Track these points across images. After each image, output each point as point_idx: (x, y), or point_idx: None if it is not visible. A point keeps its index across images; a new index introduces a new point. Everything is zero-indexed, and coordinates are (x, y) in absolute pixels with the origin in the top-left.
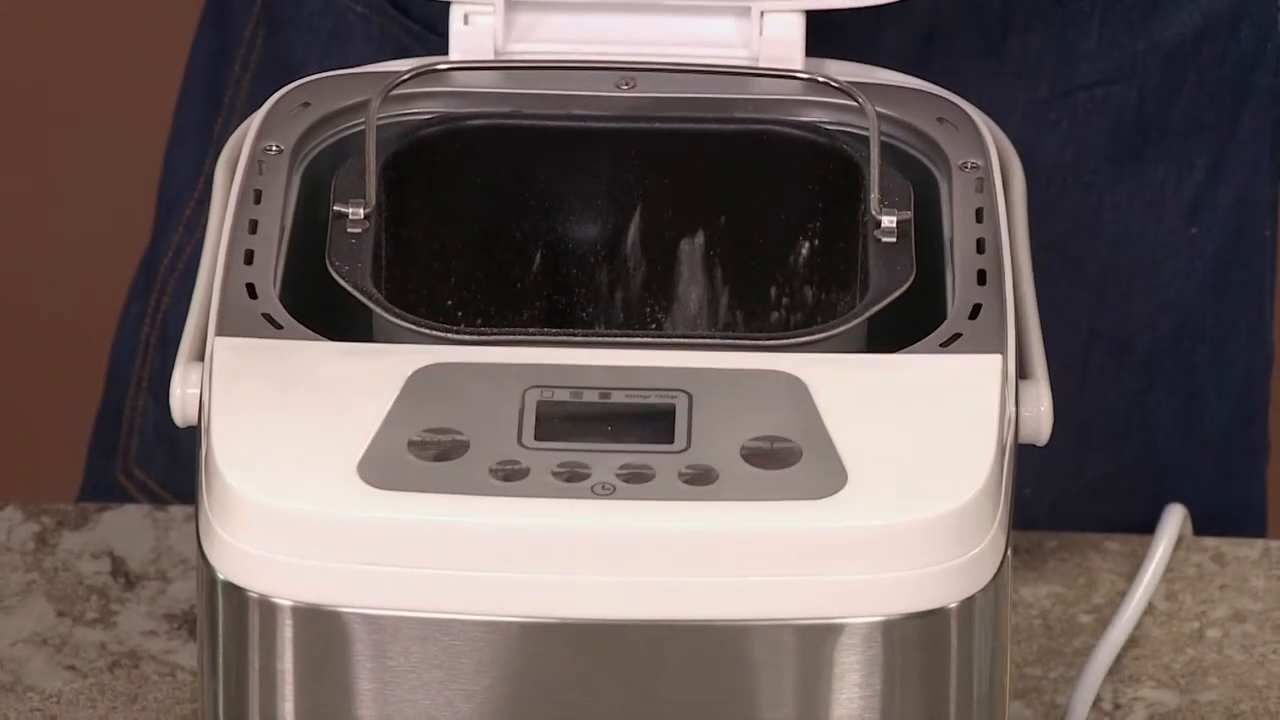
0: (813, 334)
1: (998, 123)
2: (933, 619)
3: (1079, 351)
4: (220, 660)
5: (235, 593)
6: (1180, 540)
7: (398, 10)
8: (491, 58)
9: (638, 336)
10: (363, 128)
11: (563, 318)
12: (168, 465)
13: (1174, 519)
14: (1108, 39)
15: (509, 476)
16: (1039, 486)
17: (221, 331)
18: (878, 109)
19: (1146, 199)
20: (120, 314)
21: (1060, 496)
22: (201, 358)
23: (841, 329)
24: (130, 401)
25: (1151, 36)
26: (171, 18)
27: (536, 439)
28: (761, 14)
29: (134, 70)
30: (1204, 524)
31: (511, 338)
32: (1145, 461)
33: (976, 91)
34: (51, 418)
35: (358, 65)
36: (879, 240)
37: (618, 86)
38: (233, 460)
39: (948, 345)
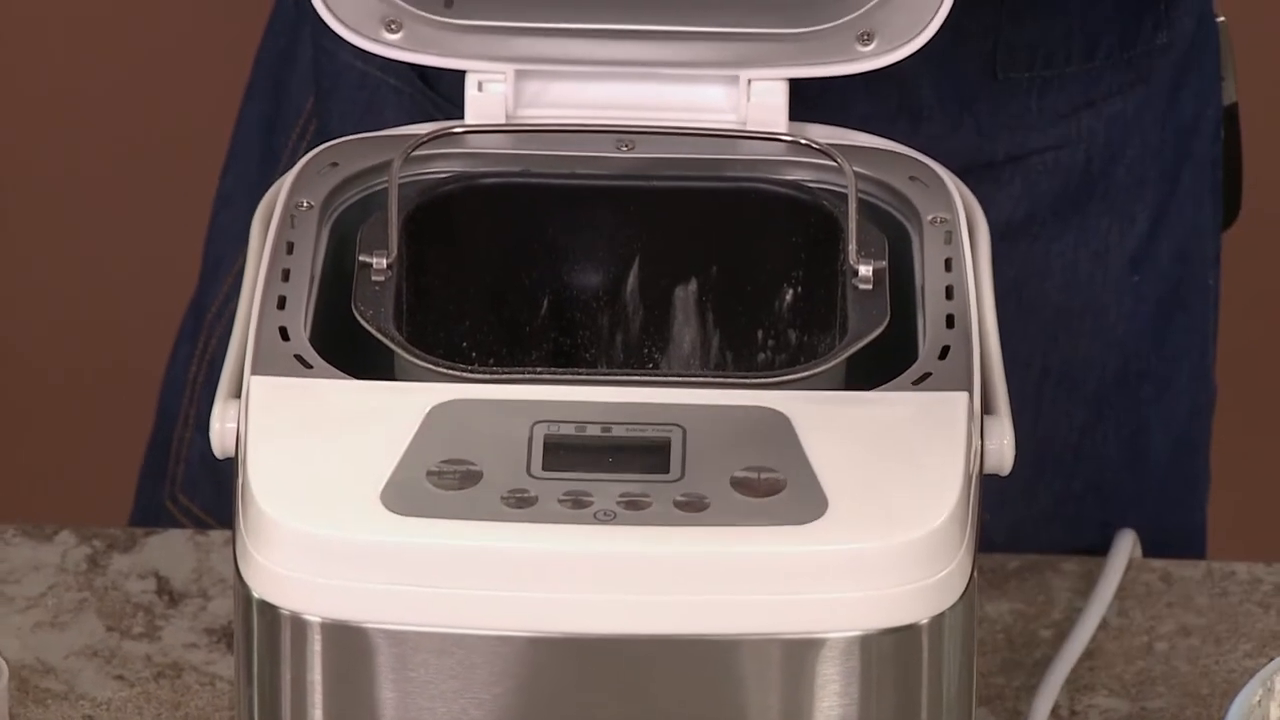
0: (796, 373)
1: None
2: (906, 634)
3: (1032, 388)
4: (255, 671)
5: (269, 610)
6: (1130, 562)
7: (424, 83)
8: (503, 121)
9: (636, 375)
10: (386, 185)
11: (568, 358)
12: (211, 493)
13: (1125, 543)
14: (1055, 111)
15: (519, 504)
16: (996, 512)
17: (257, 371)
18: (855, 168)
19: (1092, 249)
20: (169, 355)
21: (1015, 521)
22: (239, 395)
23: (822, 369)
24: (178, 435)
25: (1096, 109)
26: (217, 81)
27: (544, 469)
28: (748, 82)
29: (182, 124)
30: (1149, 548)
31: (521, 376)
32: (1094, 490)
33: (937, 157)
34: (102, 450)
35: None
36: (856, 287)
37: (618, 148)
38: (267, 488)
39: (919, 384)
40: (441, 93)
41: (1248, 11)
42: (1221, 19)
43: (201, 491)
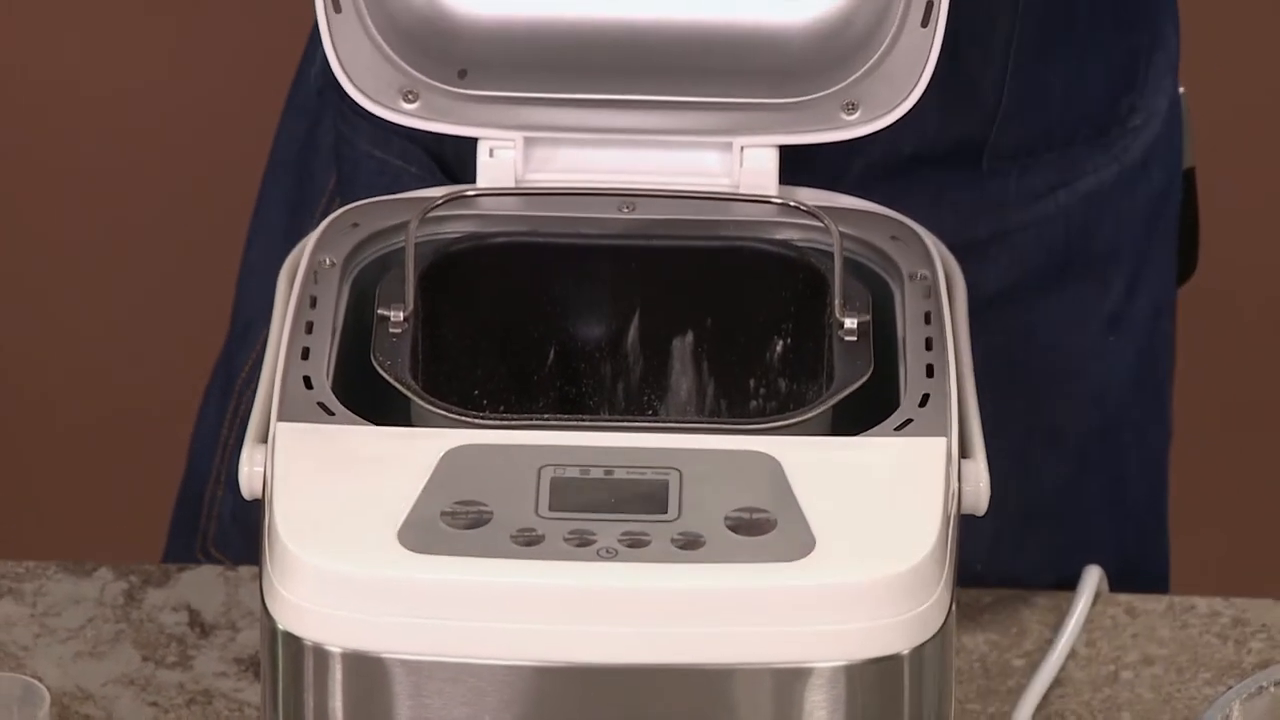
0: (785, 419)
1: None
2: (889, 664)
3: (1019, 446)
4: (280, 699)
5: (293, 641)
6: (1097, 596)
7: (441, 170)
8: (512, 185)
9: (636, 422)
10: (403, 244)
11: (573, 405)
12: (241, 546)
13: (1092, 578)
14: (1033, 192)
15: (527, 542)
16: (989, 565)
17: (282, 418)
18: (840, 228)
19: (1071, 314)
20: (198, 411)
21: (1006, 573)
22: (265, 440)
23: (810, 415)
24: (210, 492)
25: (1073, 188)
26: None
27: (550, 509)
28: (741, 149)
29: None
30: (1121, 582)
31: (529, 423)
32: (1078, 536)
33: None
34: (137, 490)
35: None
36: (842, 339)
37: (619, 209)
38: (291, 528)
39: (901, 429)
40: (458, 178)
41: (1202, 80)
42: (1182, 90)
43: (232, 546)
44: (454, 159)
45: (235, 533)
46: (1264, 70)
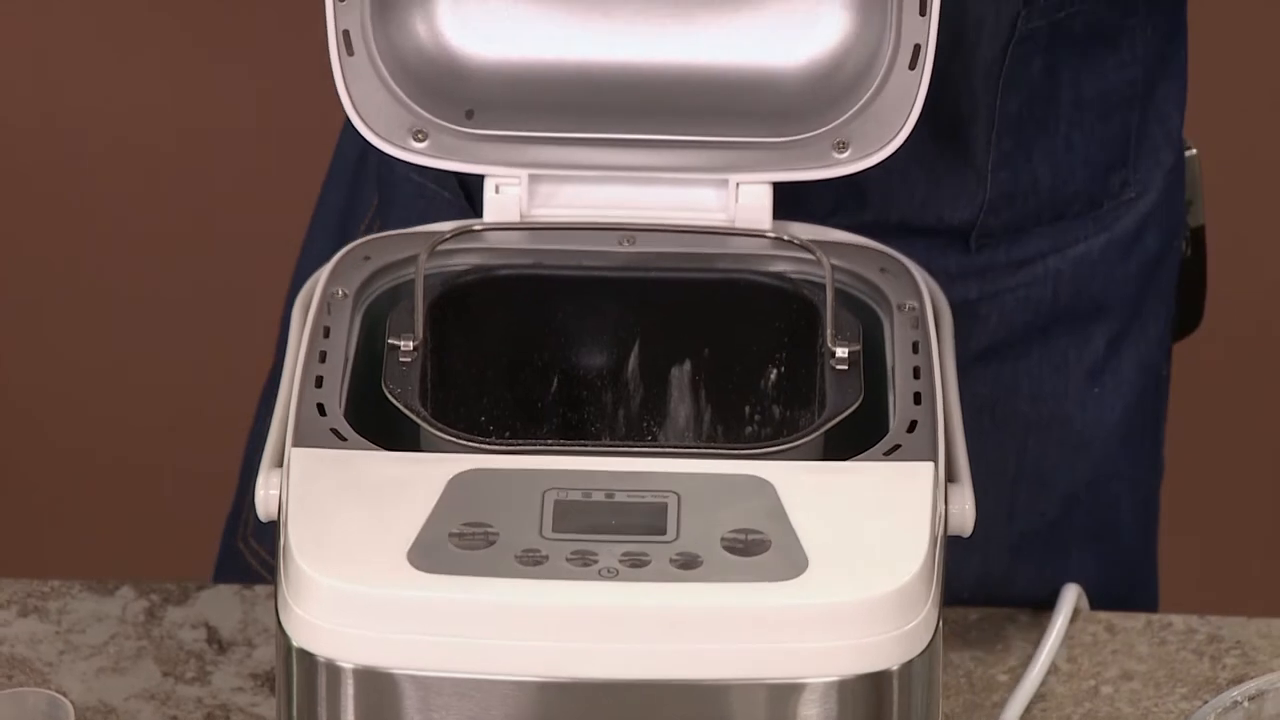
0: (779, 445)
1: None
2: (879, 679)
3: (1007, 488)
4: (295, 713)
5: (306, 657)
6: (1077, 614)
7: (467, 198)
8: (517, 220)
9: (636, 447)
10: (413, 276)
11: (575, 431)
12: (275, 539)
13: (1070, 596)
14: (1023, 258)
15: (531, 562)
16: (977, 597)
17: (297, 443)
18: (832, 261)
19: (1053, 365)
20: (255, 413)
21: (993, 601)
22: (281, 464)
23: (803, 441)
24: (252, 488)
25: (1064, 254)
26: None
27: (554, 531)
28: (736, 185)
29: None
30: (1110, 603)
31: (533, 448)
32: (1064, 570)
33: None
34: (159, 512)
35: None
36: (833, 368)
37: (620, 243)
38: (305, 549)
39: (890, 454)
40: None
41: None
42: (1193, 151)
43: (267, 537)
44: (477, 186)
45: (270, 526)
46: (1277, 129)
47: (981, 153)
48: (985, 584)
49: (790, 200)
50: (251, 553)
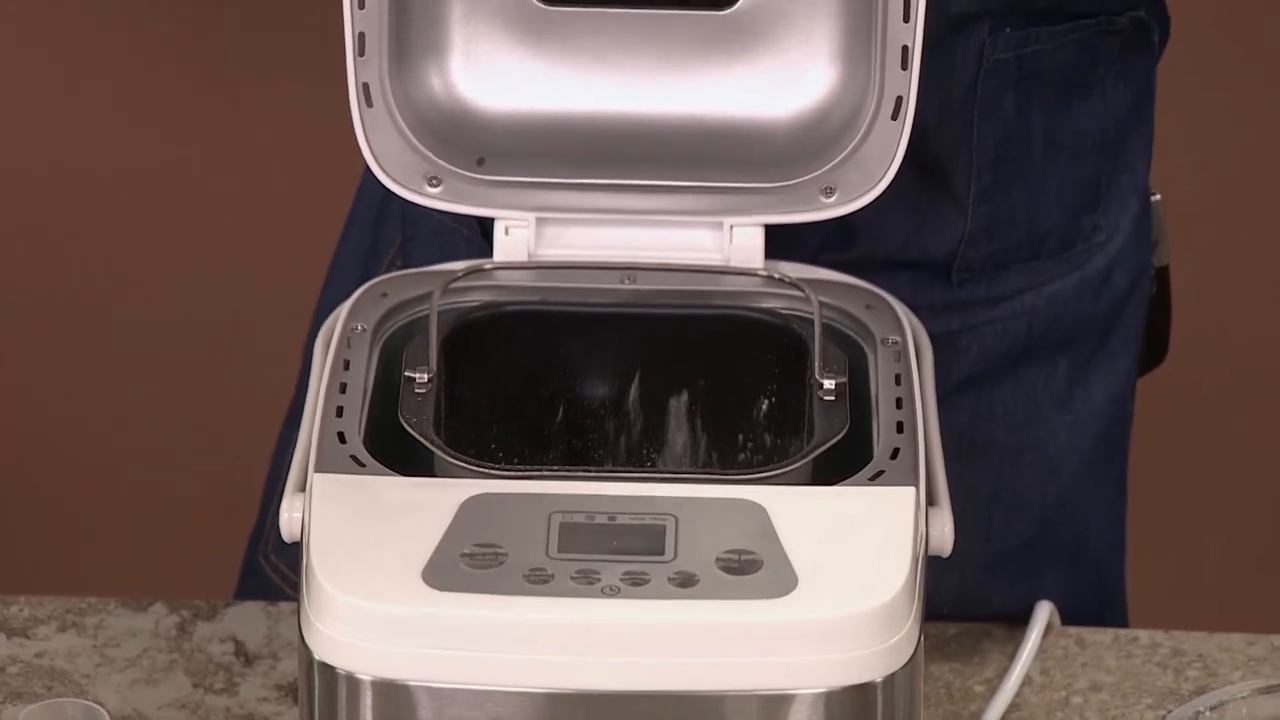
0: (771, 470)
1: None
2: (864, 690)
3: (983, 510)
4: None
5: (327, 670)
6: (1049, 629)
7: (484, 236)
8: (525, 259)
9: (636, 472)
10: (428, 312)
11: (580, 458)
12: (293, 554)
13: (1043, 613)
14: (1001, 294)
15: (538, 581)
16: (955, 607)
17: (318, 469)
18: (820, 298)
19: (1025, 394)
20: (278, 438)
21: (971, 616)
22: (303, 489)
23: (793, 467)
24: (273, 507)
25: (1039, 291)
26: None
27: (559, 551)
28: (730, 227)
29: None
30: (1082, 619)
31: (540, 473)
32: (1038, 588)
33: None
34: (189, 533)
35: None
36: (821, 398)
37: (621, 281)
38: (326, 568)
39: (874, 479)
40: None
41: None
42: (1157, 197)
43: (286, 553)
44: (493, 225)
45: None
46: (1237, 177)
47: (961, 186)
48: (963, 600)
49: (782, 237)
50: (272, 567)
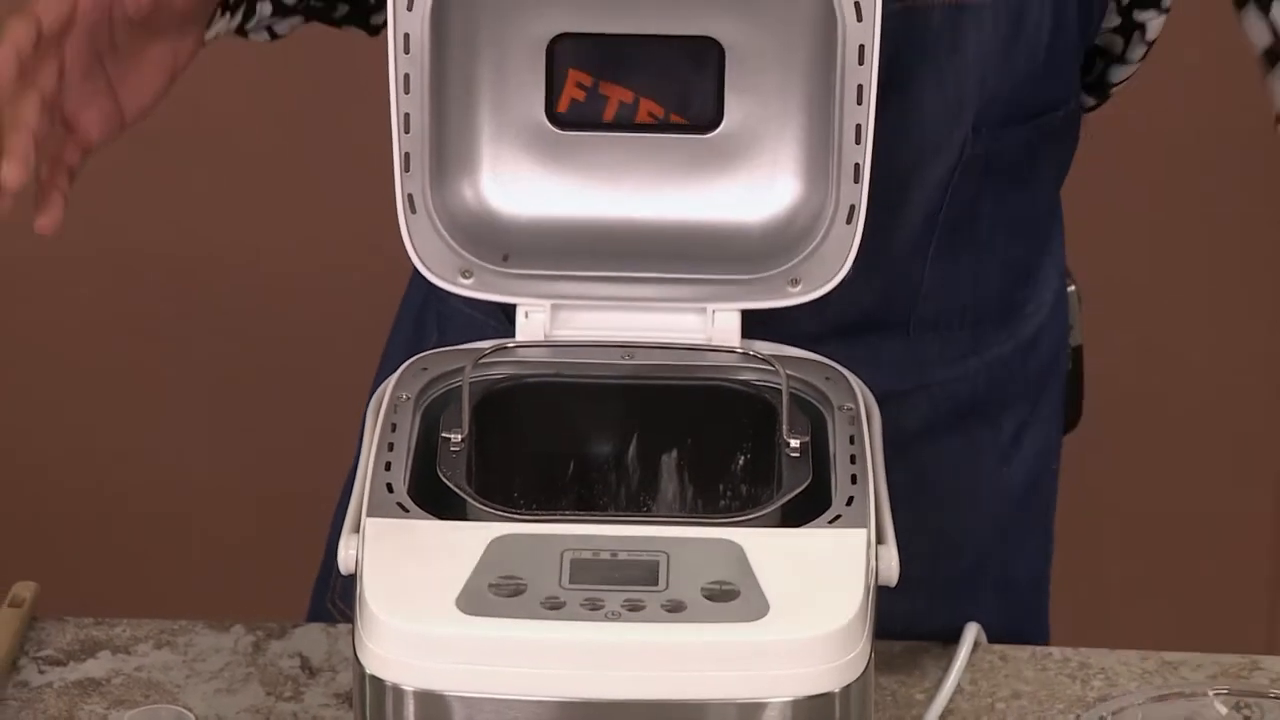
0: (747, 515)
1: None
2: (824, 699)
3: (930, 547)
4: None
5: (377, 682)
6: (977, 646)
7: (509, 323)
8: (542, 339)
9: (634, 517)
10: (461, 383)
11: (587, 504)
12: (351, 588)
13: (970, 633)
14: (949, 358)
15: (553, 607)
16: (904, 633)
17: (370, 514)
18: (787, 372)
19: (970, 450)
20: (337, 502)
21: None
22: (358, 531)
23: (765, 512)
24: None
25: (980, 356)
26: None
27: (570, 582)
28: (713, 312)
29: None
30: (1008, 638)
31: (554, 518)
32: (970, 612)
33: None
34: (265, 566)
35: None
36: (788, 455)
37: (622, 357)
38: (376, 596)
39: (833, 522)
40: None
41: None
42: (1073, 288)
43: (349, 598)
44: (515, 310)
45: (351, 589)
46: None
47: (920, 256)
48: (913, 620)
49: (764, 312)
50: (338, 611)
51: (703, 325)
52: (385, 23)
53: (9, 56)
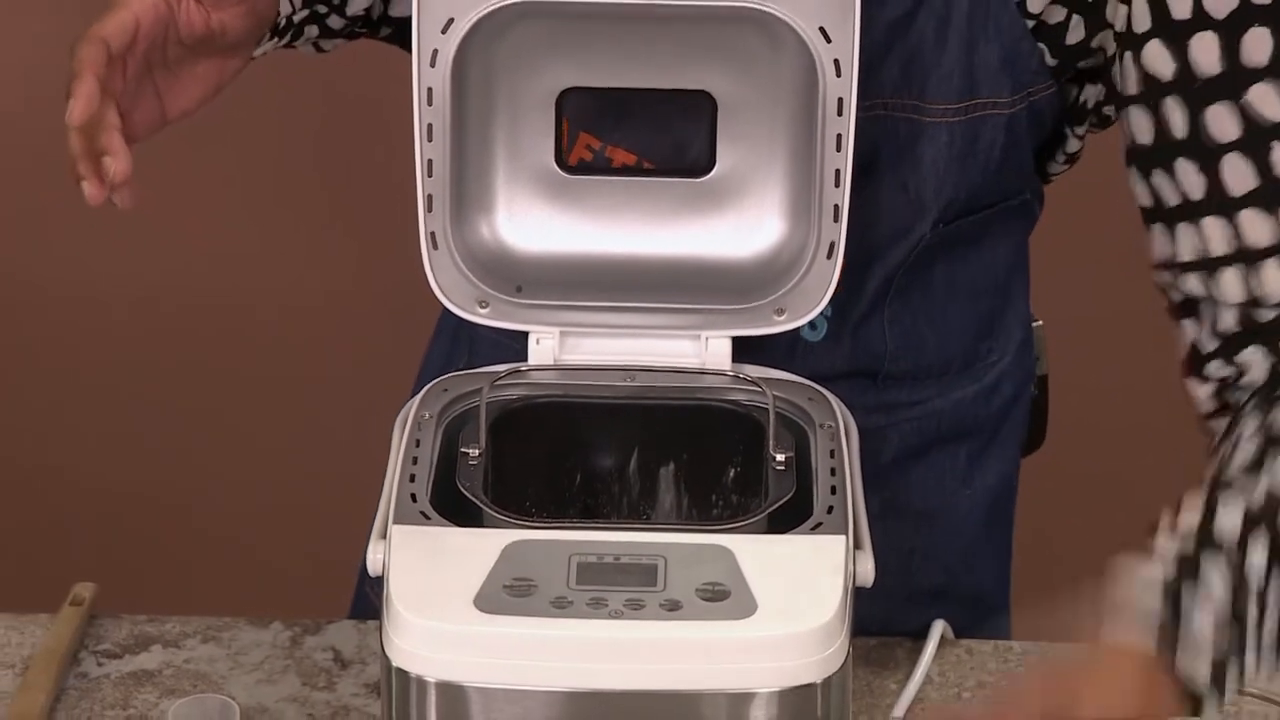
0: (736, 522)
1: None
2: (807, 690)
3: (904, 561)
4: (394, 714)
5: (402, 674)
6: (944, 641)
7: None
8: (552, 363)
9: (635, 525)
10: (479, 403)
11: (592, 513)
12: (382, 588)
13: (937, 629)
14: (917, 399)
15: (561, 606)
16: (882, 629)
17: (396, 522)
18: (773, 393)
19: (934, 474)
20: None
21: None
22: (385, 537)
23: (753, 519)
24: None
25: (946, 397)
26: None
27: (577, 584)
28: (706, 339)
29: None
30: (974, 633)
31: (563, 525)
32: (943, 615)
33: None
34: (303, 567)
35: None
36: (774, 468)
37: (624, 380)
38: (402, 596)
39: (814, 530)
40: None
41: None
42: (1039, 323)
43: (381, 591)
44: (528, 337)
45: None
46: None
47: (880, 324)
48: (889, 625)
49: (753, 347)
50: (376, 595)
51: (697, 350)
52: None
53: (93, 86)
